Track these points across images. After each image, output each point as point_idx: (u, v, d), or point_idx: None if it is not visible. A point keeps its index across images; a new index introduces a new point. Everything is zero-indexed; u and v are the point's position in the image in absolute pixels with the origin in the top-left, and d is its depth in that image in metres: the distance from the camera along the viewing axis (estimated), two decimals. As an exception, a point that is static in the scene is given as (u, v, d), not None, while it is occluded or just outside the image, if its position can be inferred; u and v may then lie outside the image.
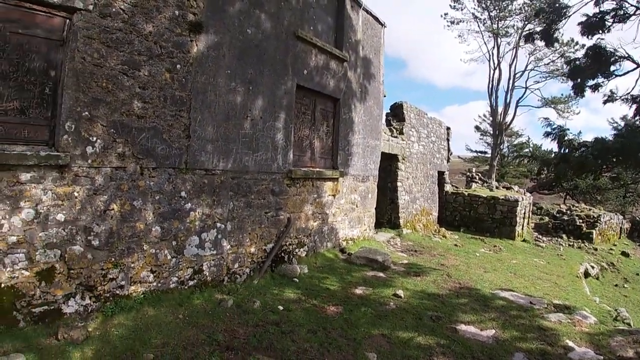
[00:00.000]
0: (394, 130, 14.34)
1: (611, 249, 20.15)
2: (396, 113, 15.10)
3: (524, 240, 18.13)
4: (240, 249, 7.04)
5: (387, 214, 14.54)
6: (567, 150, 8.12)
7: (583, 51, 8.22)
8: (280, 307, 6.15)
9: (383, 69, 11.74)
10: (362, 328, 5.83)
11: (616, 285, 15.98)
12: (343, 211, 10.13)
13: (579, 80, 8.16)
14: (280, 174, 7.80)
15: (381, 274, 8.75)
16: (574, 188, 32.52)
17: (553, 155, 8.70)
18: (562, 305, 8.28)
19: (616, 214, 24.19)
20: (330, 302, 6.69)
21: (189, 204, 6.06)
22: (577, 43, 29.99)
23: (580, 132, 8.32)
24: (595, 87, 8.17)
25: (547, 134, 8.41)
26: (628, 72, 7.77)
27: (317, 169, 8.96)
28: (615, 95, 7.95)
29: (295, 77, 8.10)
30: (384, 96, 12.05)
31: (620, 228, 23.41)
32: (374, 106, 11.28)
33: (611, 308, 9.70)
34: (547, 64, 34.20)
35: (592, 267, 15.87)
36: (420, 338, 5.79)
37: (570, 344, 6.37)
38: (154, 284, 5.68)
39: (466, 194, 18.83)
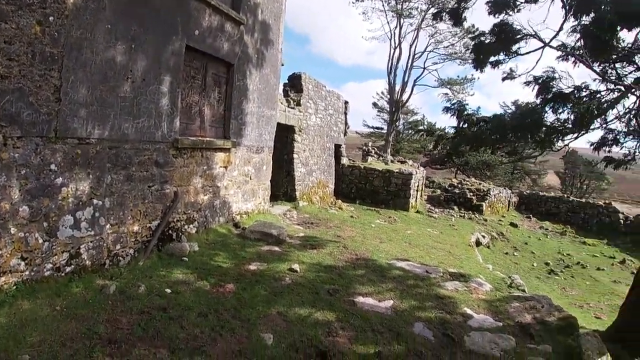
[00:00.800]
0: (291, 101, 14.26)
1: (500, 220, 22.01)
2: (294, 84, 15.02)
3: (417, 212, 19.16)
4: (122, 228, 6.60)
5: (283, 187, 14.54)
6: (465, 125, 8.51)
7: (490, 27, 8.53)
8: (168, 290, 5.88)
9: (282, 36, 11.52)
10: (257, 307, 5.79)
11: (506, 254, 17.48)
12: (236, 184, 9.93)
13: (481, 55, 8.51)
14: (165, 144, 7.38)
15: (276, 248, 8.74)
16: (465, 164, 34.93)
17: (453, 130, 9.07)
18: (457, 274, 8.83)
19: (505, 189, 26.36)
20: (223, 281, 6.55)
21: (60, 178, 5.49)
22: (477, 29, 31.86)
23: (479, 108, 8.70)
24: (496, 64, 8.58)
25: (446, 109, 8.74)
26: (532, 51, 8.22)
27: (207, 139, 8.63)
28: (514, 74, 8.40)
29: (185, 37, 7.62)
30: (282, 65, 11.88)
31: (509, 201, 25.60)
32: (271, 74, 11.07)
33: (505, 275, 10.50)
34: (447, 46, 36.19)
35: (483, 237, 17.21)
36: (318, 314, 5.87)
37: (469, 311, 6.79)
38: (27, 272, 5.13)
39: (362, 167, 19.40)
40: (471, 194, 22.52)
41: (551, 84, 7.59)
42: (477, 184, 25.01)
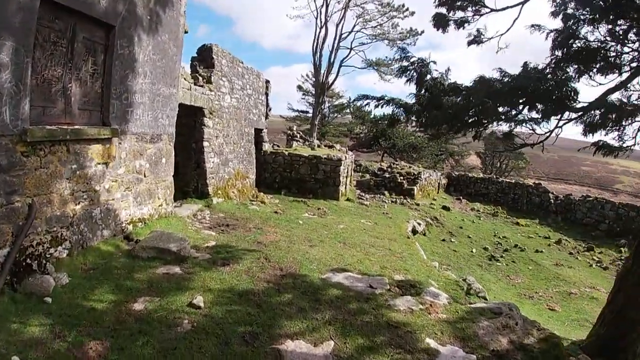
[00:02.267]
0: (200, 78, 12.07)
1: (432, 204, 21.13)
2: (204, 57, 12.80)
3: (348, 200, 17.80)
4: None
5: (193, 182, 12.41)
6: (429, 93, 6.79)
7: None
8: (16, 359, 3.83)
9: (186, -4, 9.28)
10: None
11: (443, 240, 16.46)
12: (124, 184, 7.72)
13: (444, 11, 6.85)
14: (9, 137, 5.11)
15: (176, 270, 6.72)
16: (392, 146, 34.15)
17: (415, 101, 7.27)
18: (406, 283, 7.41)
19: (434, 171, 25.70)
20: (92, 336, 4.48)
21: None
22: (407, 9, 31.52)
23: (449, 69, 7.01)
24: (461, 24, 6.99)
25: (402, 71, 6.97)
26: (507, 7, 6.66)
27: (76, 127, 6.32)
28: (483, 37, 6.84)
29: (36, -17, 5.30)
30: (186, 32, 9.67)
31: (439, 184, 24.96)
32: (170, 43, 8.85)
33: (458, 277, 9.28)
34: (375, 27, 35.14)
35: (419, 224, 16.17)
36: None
37: (433, 344, 5.35)
38: None
39: (287, 153, 17.62)
40: (402, 177, 21.44)
41: (575, 34, 5.97)
42: (407, 167, 24.03)
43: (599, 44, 6.09)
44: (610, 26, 5.91)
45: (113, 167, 7.29)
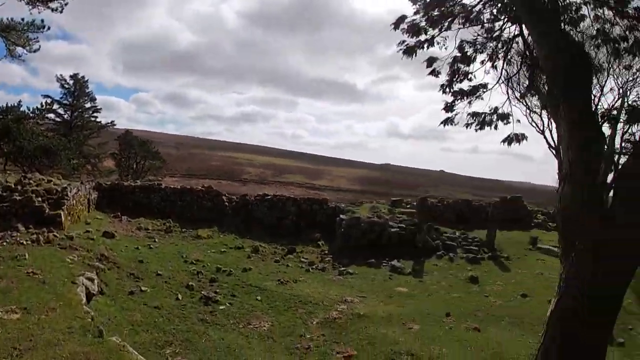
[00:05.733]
0: None
1: (88, 232, 14.84)
2: None
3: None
4: None
5: None
6: None
7: None
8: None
9: None
10: None
11: (132, 293, 10.95)
12: None
13: None
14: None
15: None
16: (19, 150, 24.93)
17: None
18: None
19: (82, 183, 19.16)
20: None
21: None
22: None
23: None
24: None
25: None
26: None
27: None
28: None
29: None
30: None
31: (89, 199, 18.44)
32: None
33: None
34: None
35: (91, 280, 10.09)
36: None
37: None
38: None
39: None
40: (41, 199, 14.32)
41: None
42: (44, 181, 16.55)
43: None
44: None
45: None
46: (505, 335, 10.17)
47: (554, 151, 21.31)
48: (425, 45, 9.12)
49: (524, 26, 7.79)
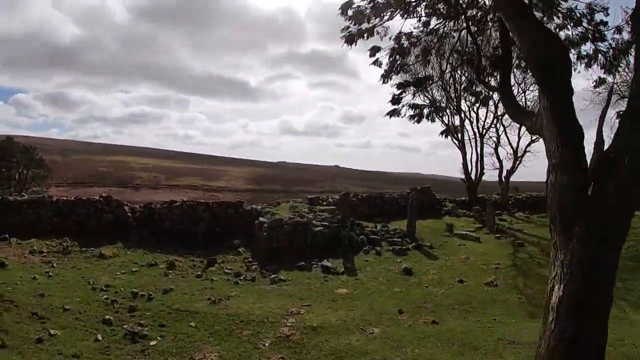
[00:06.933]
0: None
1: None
2: None
3: None
4: None
5: None
6: None
7: None
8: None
9: None
10: None
11: (40, 341, 9.02)
12: None
13: None
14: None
15: None
16: None
17: None
18: None
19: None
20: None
21: None
22: None
23: None
24: None
25: None
26: None
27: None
28: None
29: None
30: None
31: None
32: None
33: None
34: None
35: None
36: None
37: None
38: None
39: None
40: None
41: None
42: None
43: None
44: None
45: None
46: (464, 324, 10.16)
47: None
48: (365, 35, 9.01)
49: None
